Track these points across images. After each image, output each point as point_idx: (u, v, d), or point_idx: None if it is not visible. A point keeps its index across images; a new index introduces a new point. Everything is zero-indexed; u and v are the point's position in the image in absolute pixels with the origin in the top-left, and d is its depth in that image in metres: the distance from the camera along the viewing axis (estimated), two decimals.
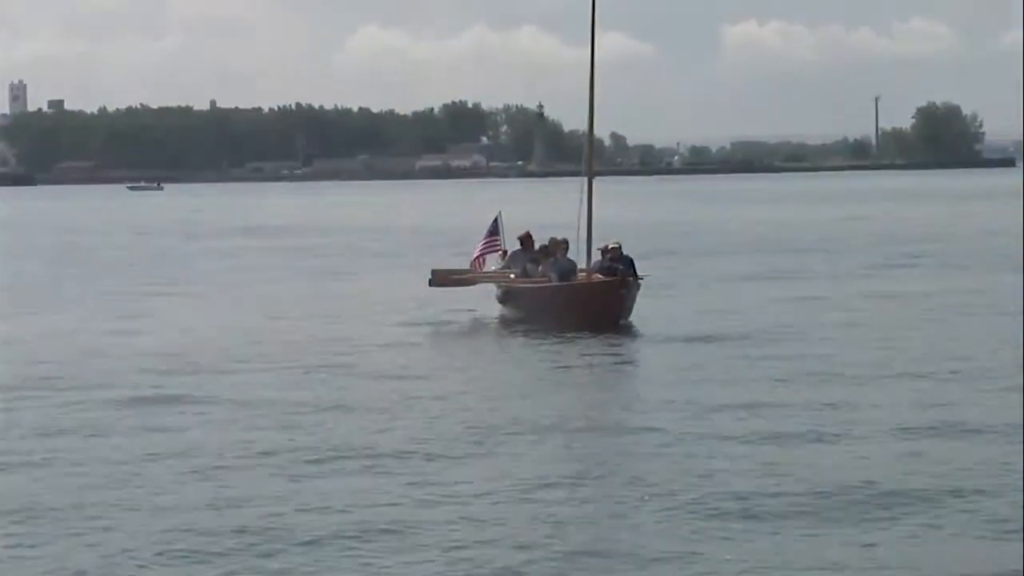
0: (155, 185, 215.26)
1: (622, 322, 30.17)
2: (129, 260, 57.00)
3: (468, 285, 34.49)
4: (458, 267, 35.51)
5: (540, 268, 32.64)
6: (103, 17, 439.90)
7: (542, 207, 67.21)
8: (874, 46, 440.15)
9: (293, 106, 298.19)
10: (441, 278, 34.41)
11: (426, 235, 70.09)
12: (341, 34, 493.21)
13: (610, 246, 31.65)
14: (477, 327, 32.36)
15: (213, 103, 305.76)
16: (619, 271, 30.93)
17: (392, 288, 39.06)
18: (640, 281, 31.07)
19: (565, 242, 32.85)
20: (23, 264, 55.37)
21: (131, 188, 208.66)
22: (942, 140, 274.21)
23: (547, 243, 33.18)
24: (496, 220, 34.68)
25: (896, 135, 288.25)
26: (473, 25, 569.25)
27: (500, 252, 34.39)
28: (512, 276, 33.25)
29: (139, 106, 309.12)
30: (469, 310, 34.09)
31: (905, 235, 62.51)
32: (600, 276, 31.30)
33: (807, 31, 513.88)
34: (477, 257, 34.46)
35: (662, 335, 29.26)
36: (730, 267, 47.04)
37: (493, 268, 34.26)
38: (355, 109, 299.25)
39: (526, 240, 33.87)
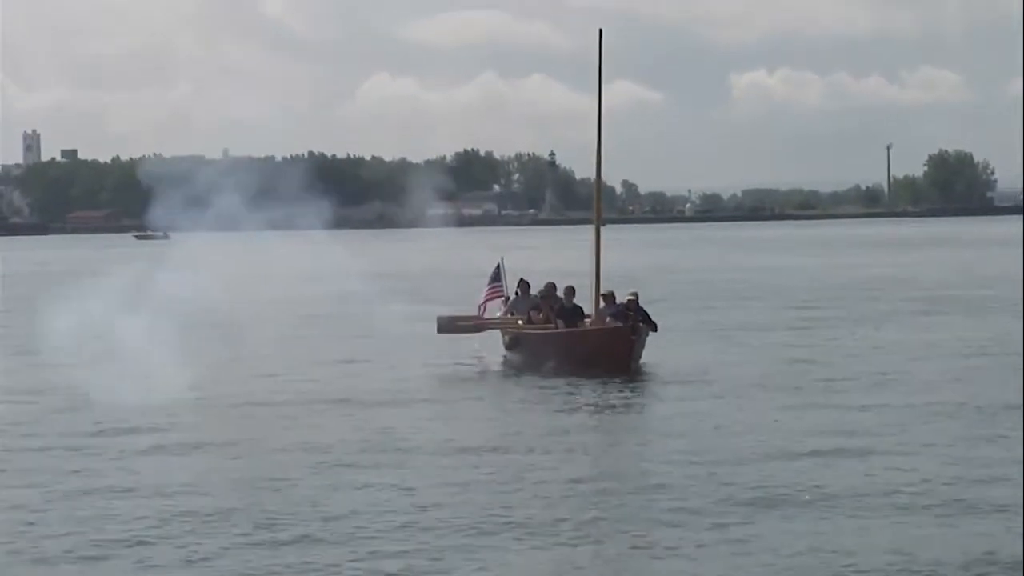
0: (161, 234, 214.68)
1: (632, 368, 30.15)
2: None
3: (475, 332, 34.49)
4: (464, 313, 35.48)
5: (542, 315, 32.68)
6: (114, 67, 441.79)
7: (555, 255, 67.29)
8: (884, 94, 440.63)
9: (305, 154, 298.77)
10: (448, 325, 34.39)
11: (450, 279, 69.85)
12: (352, 83, 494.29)
13: (628, 296, 31.67)
14: (485, 373, 32.30)
15: (226, 152, 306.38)
16: (629, 317, 30.94)
17: (399, 334, 39.01)
18: (652, 330, 31.13)
19: (571, 288, 32.93)
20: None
21: (138, 237, 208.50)
22: (954, 188, 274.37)
23: (543, 288, 33.41)
24: (498, 267, 34.78)
25: (908, 183, 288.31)
26: (482, 73, 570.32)
27: (502, 299, 34.50)
28: (520, 322, 33.29)
29: (152, 155, 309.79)
30: (477, 357, 34.12)
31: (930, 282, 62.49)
32: (610, 321, 31.31)
33: (817, 79, 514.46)
34: (481, 303, 34.58)
35: (671, 381, 29.20)
36: (741, 315, 46.96)
37: (497, 315, 34.34)
38: (367, 157, 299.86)
39: (523, 286, 34.10)
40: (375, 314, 41.73)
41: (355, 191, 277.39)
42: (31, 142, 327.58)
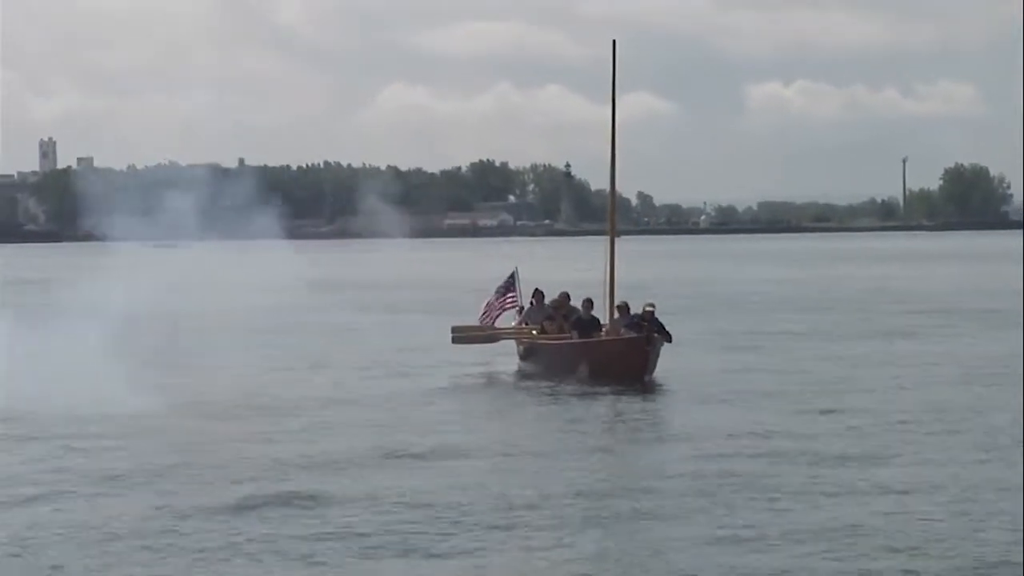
0: (176, 243, 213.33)
1: (646, 379, 30.29)
2: None
3: (490, 342, 34.64)
4: (478, 324, 35.60)
5: (555, 325, 32.82)
6: (129, 75, 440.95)
7: (571, 265, 67.47)
8: (900, 106, 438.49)
9: (321, 164, 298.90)
10: (463, 335, 34.55)
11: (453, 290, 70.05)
12: (367, 92, 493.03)
13: (645, 308, 31.80)
14: (499, 383, 32.45)
15: (241, 160, 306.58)
16: (644, 327, 31.06)
17: (414, 345, 39.26)
18: (667, 341, 31.25)
19: (589, 301, 33.09)
20: None
21: (154, 245, 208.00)
22: (969, 201, 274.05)
23: (557, 298, 33.57)
24: (512, 276, 34.86)
25: (923, 196, 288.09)
26: (497, 84, 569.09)
27: (517, 308, 34.62)
28: (534, 333, 33.42)
29: (168, 163, 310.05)
30: (485, 364, 34.34)
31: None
32: (625, 332, 31.45)
33: (833, 91, 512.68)
34: (490, 313, 34.56)
35: (685, 391, 29.39)
36: (756, 325, 47.05)
37: (512, 324, 34.47)
38: (383, 167, 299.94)
39: (538, 296, 34.20)
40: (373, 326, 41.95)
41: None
42: (47, 149, 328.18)
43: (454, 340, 34.41)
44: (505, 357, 34.56)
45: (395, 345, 40.18)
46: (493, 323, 34.65)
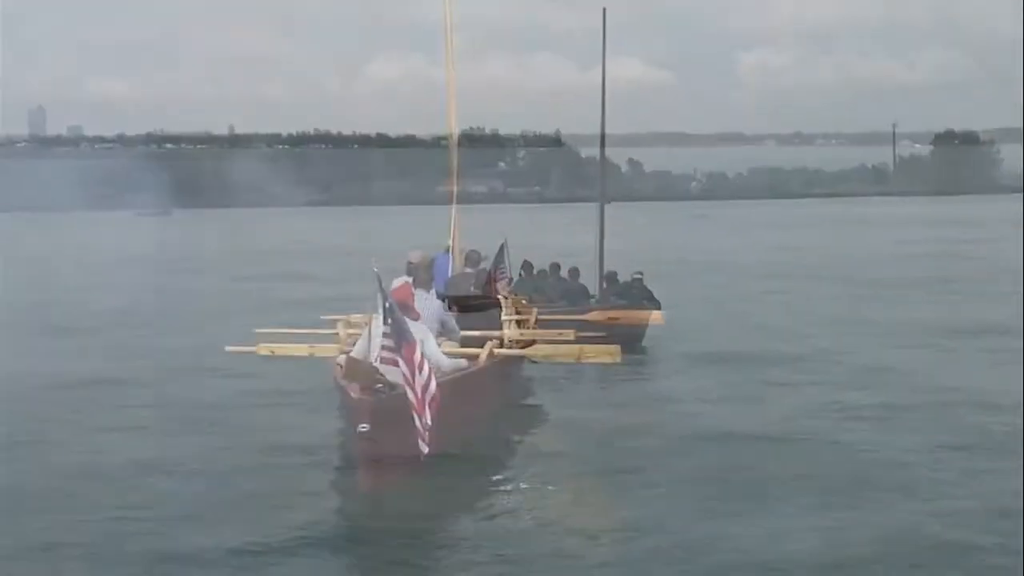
0: (161, 211, 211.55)
1: (637, 347, 30.47)
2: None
3: (482, 311, 34.65)
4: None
5: (544, 296, 32.97)
6: (118, 46, 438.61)
7: (562, 233, 67.57)
8: (891, 73, 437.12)
9: (312, 131, 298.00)
10: (455, 304, 34.56)
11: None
12: (357, 60, 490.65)
13: (634, 276, 31.98)
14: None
15: (231, 128, 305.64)
16: (632, 296, 31.27)
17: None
18: (655, 308, 31.46)
19: (575, 269, 33.23)
20: None
21: (138, 215, 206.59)
22: (961, 167, 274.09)
23: (546, 268, 33.72)
24: (502, 247, 34.91)
25: (914, 161, 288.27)
26: (488, 51, 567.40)
27: (507, 279, 34.70)
28: (524, 302, 33.54)
29: (159, 132, 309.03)
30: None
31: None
32: (615, 300, 31.63)
33: (825, 58, 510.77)
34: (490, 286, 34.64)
35: (673, 357, 29.58)
36: (745, 289, 47.20)
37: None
38: (373, 135, 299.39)
39: (527, 267, 34.35)
40: None
41: (360, 168, 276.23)
42: (37, 118, 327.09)
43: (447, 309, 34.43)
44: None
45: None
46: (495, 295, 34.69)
